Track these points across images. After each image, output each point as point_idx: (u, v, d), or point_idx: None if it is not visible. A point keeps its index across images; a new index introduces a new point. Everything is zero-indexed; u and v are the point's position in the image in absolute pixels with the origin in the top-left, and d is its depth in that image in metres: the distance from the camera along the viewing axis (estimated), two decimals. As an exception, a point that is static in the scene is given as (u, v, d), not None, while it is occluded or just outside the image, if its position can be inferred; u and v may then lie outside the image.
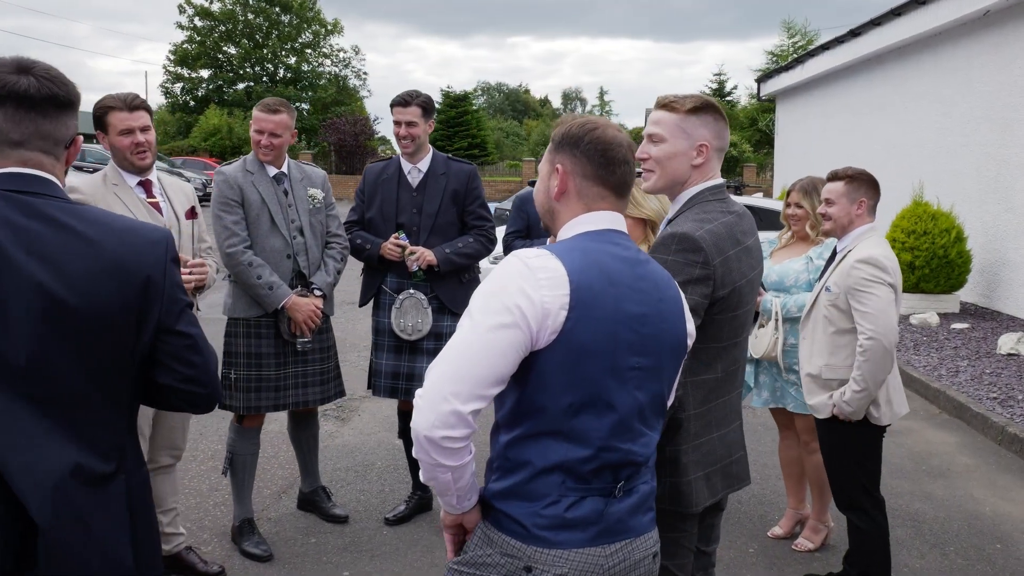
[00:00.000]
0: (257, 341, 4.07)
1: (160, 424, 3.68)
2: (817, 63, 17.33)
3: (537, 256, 1.79)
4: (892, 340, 3.40)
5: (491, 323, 1.73)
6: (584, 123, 1.95)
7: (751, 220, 2.47)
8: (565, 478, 1.81)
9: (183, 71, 45.47)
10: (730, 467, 2.46)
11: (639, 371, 1.85)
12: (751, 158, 35.30)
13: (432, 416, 1.72)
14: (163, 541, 3.82)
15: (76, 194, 3.38)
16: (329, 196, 4.31)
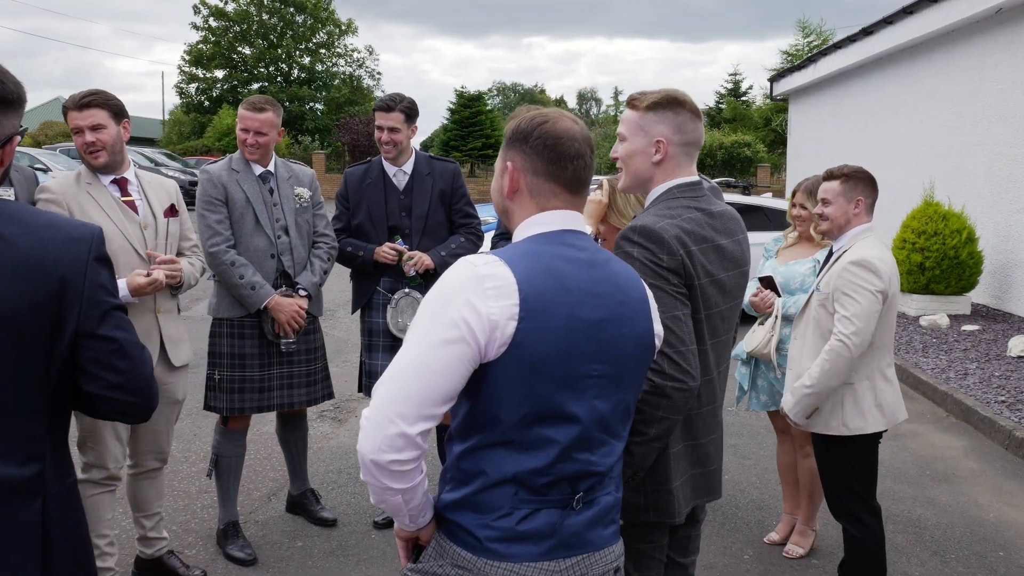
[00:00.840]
0: (241, 342, 4.01)
1: (142, 429, 3.63)
2: (829, 62, 17.18)
3: (486, 263, 1.70)
4: (859, 351, 3.35)
5: (436, 339, 1.65)
6: (534, 116, 1.85)
7: (731, 221, 2.37)
8: (518, 490, 1.74)
9: (198, 71, 45.59)
10: (700, 478, 2.37)
11: (599, 379, 1.77)
12: (765, 158, 35.05)
13: (378, 439, 1.65)
14: (145, 545, 3.79)
15: (47, 194, 3.34)
16: (317, 195, 4.25)
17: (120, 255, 3.39)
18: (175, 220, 3.66)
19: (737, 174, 33.27)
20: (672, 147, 2.30)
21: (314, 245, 4.21)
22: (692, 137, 2.33)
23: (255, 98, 4.04)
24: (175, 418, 3.77)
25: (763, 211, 10.39)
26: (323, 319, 9.93)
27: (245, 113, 3.97)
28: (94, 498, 3.51)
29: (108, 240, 3.35)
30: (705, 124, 24.32)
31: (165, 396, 3.63)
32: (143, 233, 3.50)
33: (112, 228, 3.40)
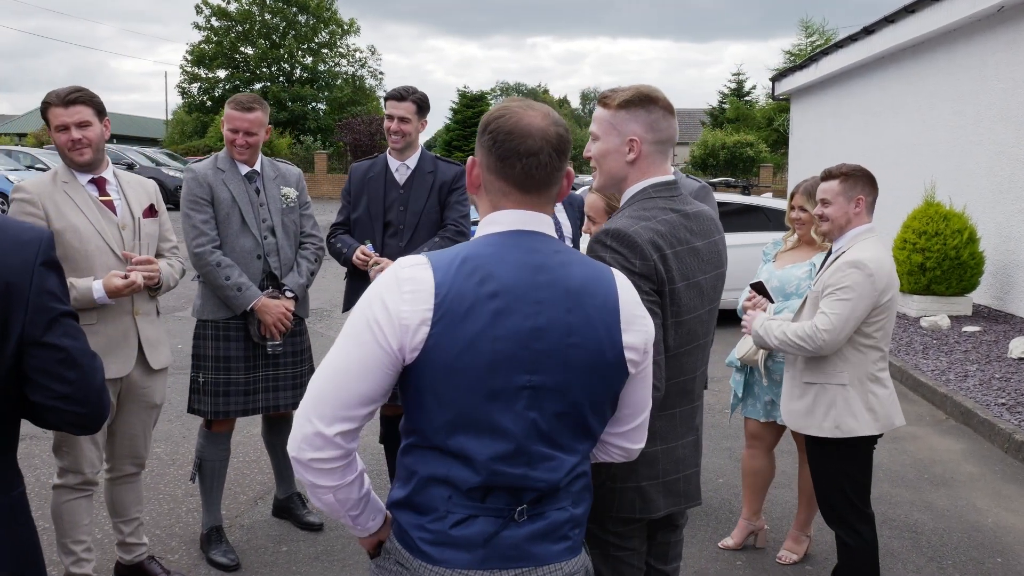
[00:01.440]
0: (226, 344, 3.95)
1: (119, 433, 3.57)
2: (831, 61, 17.08)
3: (410, 266, 1.67)
4: (825, 351, 3.33)
5: (353, 341, 1.66)
6: (496, 108, 1.77)
7: (707, 221, 2.31)
8: (452, 493, 1.69)
9: (200, 71, 45.57)
10: (676, 483, 2.30)
11: (531, 390, 1.66)
12: (768, 158, 34.93)
13: (298, 437, 1.66)
14: (125, 551, 3.72)
15: (22, 194, 3.28)
16: (304, 195, 4.18)
17: (96, 256, 3.33)
18: (153, 220, 3.59)
19: (740, 174, 33.16)
20: (646, 146, 2.23)
21: (301, 246, 4.14)
22: (666, 135, 2.26)
23: (243, 97, 3.95)
24: (153, 422, 3.69)
25: (763, 211, 10.31)
26: (318, 319, 9.91)
27: (234, 113, 3.87)
28: (70, 503, 3.45)
29: (84, 240, 3.33)
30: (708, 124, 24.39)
31: (143, 400, 3.57)
32: (121, 233, 3.43)
33: (89, 228, 3.34)
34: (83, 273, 3.31)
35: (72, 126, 3.31)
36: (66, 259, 3.28)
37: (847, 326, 3.28)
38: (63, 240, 3.27)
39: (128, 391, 3.51)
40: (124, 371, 3.44)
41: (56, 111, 3.31)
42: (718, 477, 5.31)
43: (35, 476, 4.90)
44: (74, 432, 1.72)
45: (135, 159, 26.92)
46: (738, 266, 4.96)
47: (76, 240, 3.30)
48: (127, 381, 3.49)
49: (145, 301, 3.53)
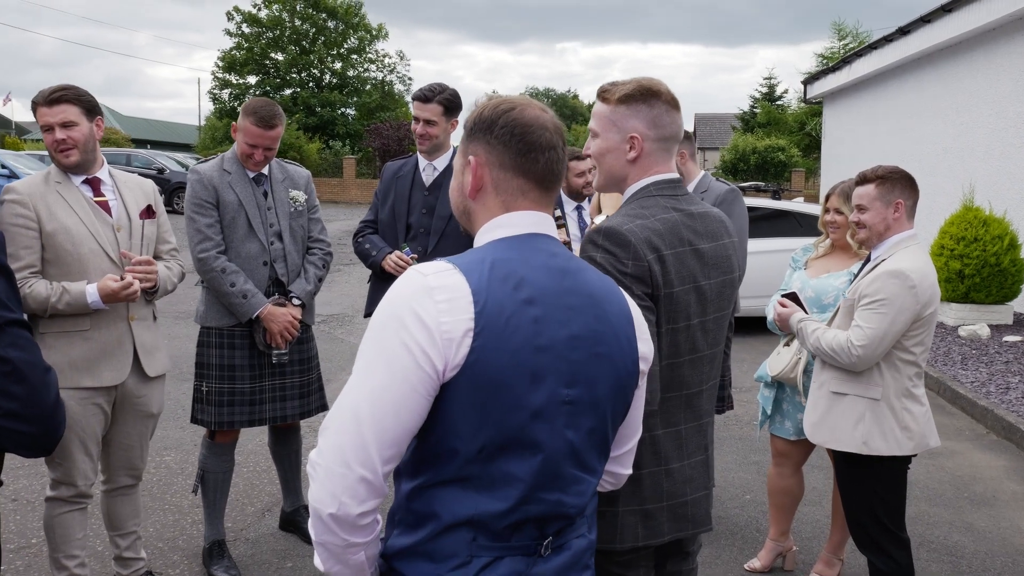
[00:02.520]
0: (231, 352, 3.79)
1: (114, 444, 3.42)
2: (865, 63, 16.73)
3: (436, 272, 1.48)
4: (859, 368, 3.14)
5: (386, 367, 1.43)
6: (498, 103, 1.62)
7: (715, 223, 2.14)
8: (476, 534, 1.49)
9: (231, 77, 45.84)
10: (683, 507, 2.10)
11: (570, 405, 1.52)
12: (800, 163, 34.45)
13: (338, 489, 1.42)
14: (122, 566, 3.58)
15: (12, 195, 3.13)
16: (313, 198, 4.02)
17: (90, 259, 3.19)
18: (151, 222, 3.44)
19: (771, 179, 32.71)
20: (648, 143, 2.08)
21: (308, 251, 3.98)
22: (669, 131, 2.10)
23: (263, 109, 3.69)
24: (150, 433, 3.54)
25: (793, 216, 10.04)
26: (339, 324, 9.79)
27: (254, 129, 3.65)
28: (62, 516, 3.30)
29: (77, 243, 3.17)
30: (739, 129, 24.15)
31: (139, 410, 3.43)
32: (116, 235, 3.29)
33: (82, 230, 3.20)
34: (76, 277, 3.16)
35: (56, 126, 3.17)
36: (58, 262, 3.15)
37: (884, 341, 3.06)
38: (55, 242, 3.14)
39: (123, 400, 3.36)
40: (119, 379, 3.29)
41: (41, 110, 3.18)
42: (745, 493, 5.08)
43: (26, 485, 4.78)
44: (22, 453, 1.57)
45: (165, 164, 27.11)
46: (767, 272, 4.79)
47: (68, 242, 3.16)
48: (122, 390, 3.34)
49: (141, 306, 3.38)
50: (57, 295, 3.10)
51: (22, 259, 3.10)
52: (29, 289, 3.08)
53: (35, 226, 3.12)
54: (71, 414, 3.18)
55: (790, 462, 4.01)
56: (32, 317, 3.19)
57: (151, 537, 4.22)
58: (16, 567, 3.88)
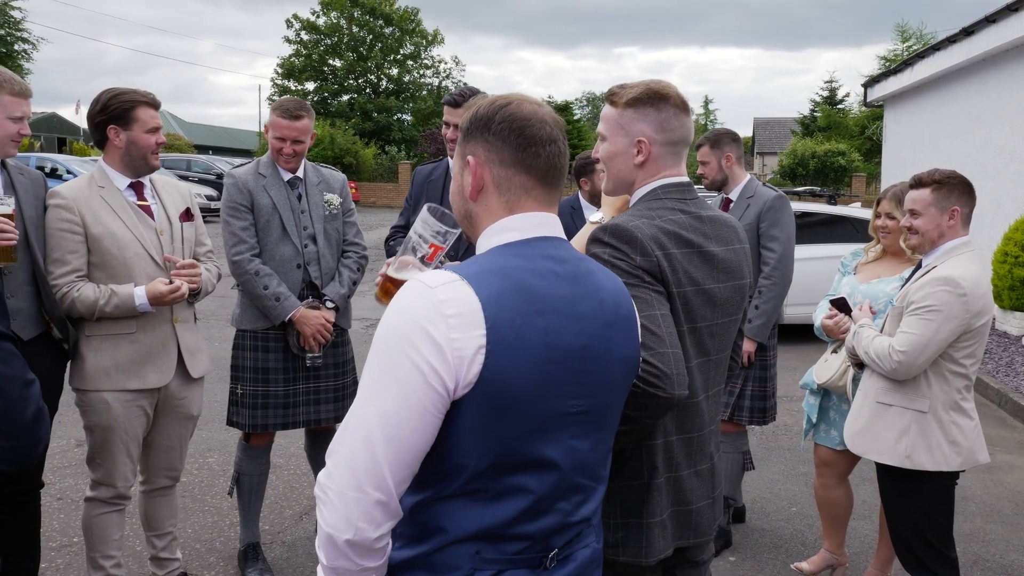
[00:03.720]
0: (264, 355, 3.80)
1: (155, 445, 3.46)
2: (927, 65, 16.27)
3: (443, 284, 1.40)
4: (901, 376, 3.02)
5: (395, 387, 1.37)
6: (494, 100, 1.57)
7: (725, 228, 2.09)
8: (480, 548, 1.45)
9: (290, 84, 46.64)
10: (687, 516, 2.04)
11: (579, 415, 1.48)
12: (861, 167, 33.70)
13: (353, 515, 1.38)
14: (158, 567, 3.61)
15: (57, 199, 3.18)
16: (348, 201, 4.02)
17: (136, 262, 3.24)
18: (190, 225, 3.49)
19: (831, 184, 32.04)
20: (655, 147, 2.03)
21: (343, 254, 3.98)
22: (678, 135, 2.05)
23: (289, 104, 3.76)
24: (189, 434, 3.58)
25: (849, 222, 9.80)
26: (375, 328, 9.81)
27: (281, 121, 3.69)
28: (100, 517, 3.35)
29: (123, 247, 3.21)
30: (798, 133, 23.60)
31: (180, 411, 3.46)
32: (159, 239, 3.33)
33: (127, 235, 3.24)
34: (122, 280, 3.21)
35: (158, 130, 3.35)
36: (104, 266, 3.20)
37: (927, 350, 2.93)
38: (101, 246, 3.19)
39: (165, 402, 3.40)
40: (164, 381, 3.33)
41: (150, 112, 3.29)
42: (791, 505, 4.94)
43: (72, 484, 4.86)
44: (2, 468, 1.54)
45: (223, 169, 27.69)
46: (820, 279, 4.64)
47: (114, 247, 3.21)
48: (165, 392, 3.37)
49: (183, 308, 3.42)
50: (105, 298, 3.14)
51: (69, 263, 3.15)
52: (77, 292, 3.13)
53: (80, 230, 3.17)
54: (115, 417, 3.22)
55: (833, 472, 3.88)
56: (77, 320, 3.24)
57: (189, 538, 4.25)
58: (57, 565, 3.94)
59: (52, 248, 3.15)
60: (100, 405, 3.23)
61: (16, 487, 3.31)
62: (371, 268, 14.67)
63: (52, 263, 3.15)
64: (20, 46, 35.48)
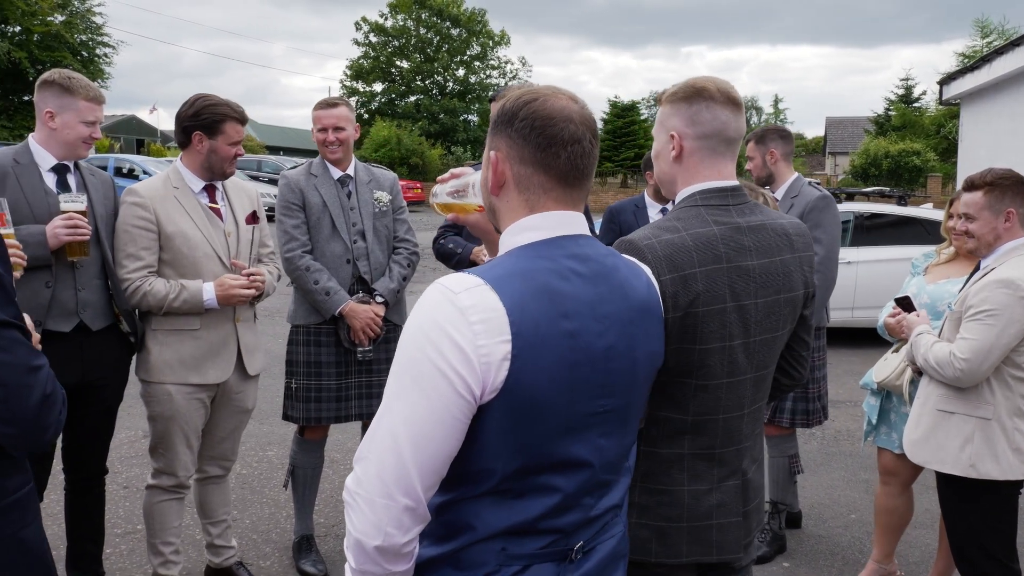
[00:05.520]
0: (317, 349, 3.88)
1: (210, 436, 3.56)
2: (1006, 62, 15.73)
3: (467, 289, 1.39)
4: (964, 384, 2.92)
5: (421, 395, 1.37)
6: (522, 94, 1.53)
7: (773, 237, 1.98)
8: (506, 544, 1.45)
9: (358, 85, 47.39)
10: (706, 531, 1.96)
11: (605, 415, 1.48)
12: (936, 167, 32.73)
13: (384, 520, 1.38)
14: (213, 554, 3.71)
15: (134, 197, 3.30)
16: (398, 199, 4.08)
17: (204, 262, 3.35)
18: (256, 227, 3.59)
19: (904, 184, 31.18)
20: (687, 141, 1.96)
21: (394, 251, 4.04)
22: (711, 128, 1.94)
23: (326, 98, 3.95)
24: (243, 426, 3.68)
25: (920, 223, 9.51)
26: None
27: (319, 113, 3.87)
28: (161, 504, 3.45)
29: (193, 247, 3.32)
30: (872, 132, 22.92)
31: (236, 405, 3.56)
32: (227, 241, 3.44)
33: (198, 235, 3.35)
34: (190, 279, 3.33)
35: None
36: (174, 263, 3.32)
37: (991, 355, 2.84)
38: (173, 245, 3.31)
39: (223, 396, 3.50)
40: (224, 376, 3.44)
41: (236, 127, 3.43)
42: (850, 512, 4.83)
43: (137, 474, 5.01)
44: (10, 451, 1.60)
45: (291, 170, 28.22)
46: (889, 281, 4.52)
47: (185, 246, 3.32)
48: (223, 386, 3.47)
49: (245, 308, 3.52)
50: (175, 292, 3.26)
51: (142, 259, 3.27)
52: (149, 286, 3.24)
53: (154, 228, 3.29)
54: (177, 408, 3.34)
55: (897, 480, 3.78)
56: (145, 314, 3.36)
57: (246, 529, 4.36)
58: (120, 550, 4.07)
59: (126, 243, 3.28)
60: (163, 396, 3.34)
61: (81, 473, 3.46)
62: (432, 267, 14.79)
63: (126, 258, 3.27)
64: (101, 50, 36.69)
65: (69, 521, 3.50)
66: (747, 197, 2.00)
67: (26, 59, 31.77)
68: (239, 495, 4.75)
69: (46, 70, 3.41)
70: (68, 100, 3.15)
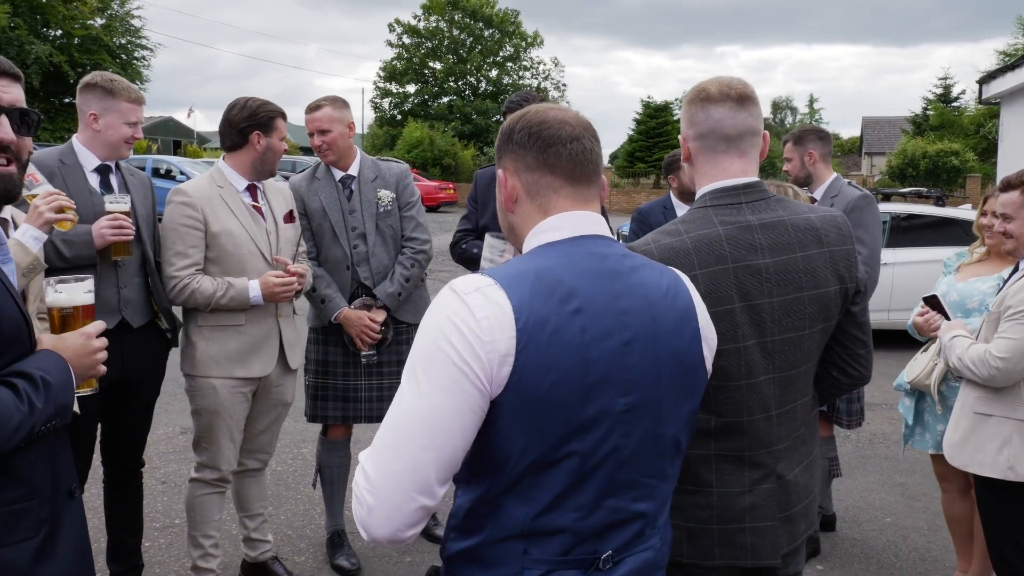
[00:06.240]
0: (325, 348, 3.95)
1: (248, 428, 3.61)
2: (1048, 60, 15.45)
3: (476, 289, 1.42)
4: (1000, 384, 2.88)
5: (438, 389, 1.39)
6: (518, 114, 1.61)
7: (788, 234, 1.94)
8: (527, 546, 1.46)
9: (391, 87, 47.62)
10: (739, 535, 1.94)
11: (627, 413, 1.47)
12: (976, 168, 32.20)
13: (395, 516, 1.39)
14: (250, 548, 3.76)
15: (182, 196, 3.36)
16: (405, 195, 3.99)
17: (249, 260, 3.41)
18: (293, 226, 3.64)
19: (943, 185, 30.70)
20: (691, 143, 2.01)
21: (401, 251, 3.99)
22: (705, 127, 1.96)
23: (313, 100, 3.89)
24: (282, 419, 3.75)
25: (959, 224, 9.38)
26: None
27: (306, 117, 3.85)
28: (203, 498, 3.51)
29: (239, 245, 3.38)
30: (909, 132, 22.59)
31: (276, 399, 3.63)
32: (269, 239, 3.50)
33: (243, 233, 3.41)
34: (235, 276, 3.38)
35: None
36: (220, 261, 3.38)
37: None
38: (219, 243, 3.37)
39: (264, 389, 3.56)
40: (267, 370, 3.50)
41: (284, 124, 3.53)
42: (885, 516, 4.78)
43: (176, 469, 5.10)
44: None
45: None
46: (926, 282, 4.46)
47: (231, 244, 3.38)
48: (265, 380, 3.53)
49: (285, 304, 3.58)
50: (223, 290, 3.32)
51: (190, 257, 3.33)
52: (197, 284, 3.31)
53: (202, 227, 3.35)
54: (221, 402, 3.40)
55: (954, 487, 3.74)
56: (190, 310, 3.43)
57: (281, 524, 4.42)
58: (159, 544, 4.15)
59: (175, 241, 3.34)
60: (208, 390, 3.40)
61: (119, 466, 3.53)
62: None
63: (175, 255, 3.33)
64: (139, 53, 37.24)
65: (108, 513, 3.58)
66: (766, 193, 1.98)
67: (66, 62, 32.32)
68: (274, 491, 4.81)
69: (86, 73, 3.49)
70: (111, 102, 3.22)
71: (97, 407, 3.26)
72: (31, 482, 1.70)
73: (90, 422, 3.27)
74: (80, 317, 2.01)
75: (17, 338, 1.68)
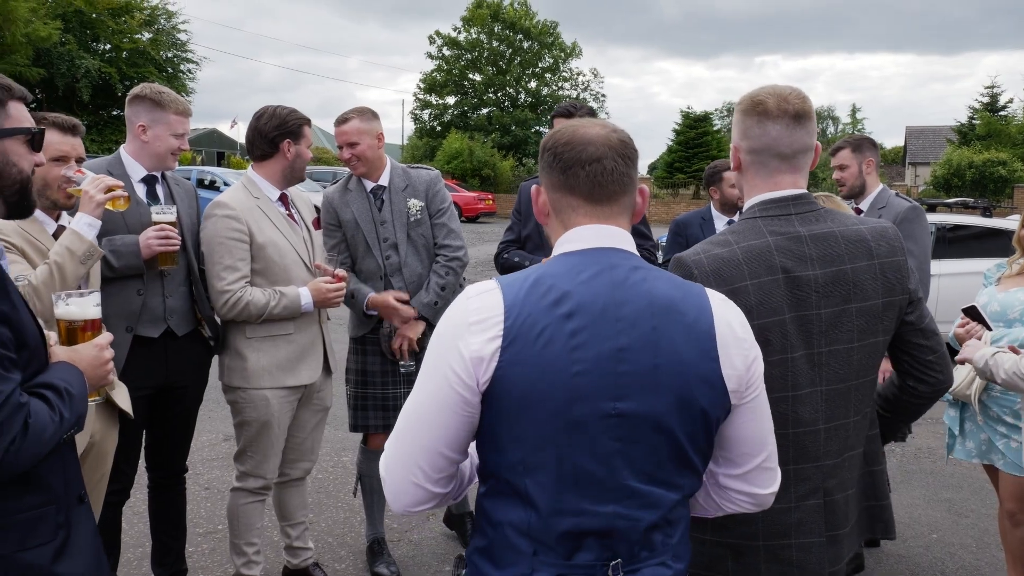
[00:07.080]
0: (364, 358, 3.97)
1: (292, 438, 3.65)
2: (1100, 68, 15.12)
3: (480, 292, 1.55)
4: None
5: (429, 387, 1.54)
6: (552, 132, 1.66)
7: (838, 245, 1.92)
8: (536, 548, 1.52)
9: (431, 98, 47.95)
10: (785, 551, 1.92)
11: (620, 418, 1.48)
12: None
13: (401, 493, 1.58)
14: (291, 555, 3.80)
15: (225, 209, 3.38)
16: (436, 202, 3.94)
17: (293, 268, 3.45)
18: (319, 232, 3.71)
19: (990, 195, 30.11)
20: (742, 155, 2.01)
21: (435, 259, 3.95)
22: (759, 143, 1.96)
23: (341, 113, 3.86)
24: (323, 424, 3.79)
25: (1007, 235, 9.19)
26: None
27: (335, 131, 3.84)
28: (247, 507, 3.55)
29: (283, 254, 3.42)
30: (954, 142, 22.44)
31: (317, 404, 3.68)
32: (306, 246, 3.54)
33: (285, 243, 3.46)
34: (281, 285, 3.43)
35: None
36: (266, 272, 3.41)
37: None
38: (265, 254, 3.40)
39: (307, 396, 3.61)
40: (314, 377, 3.55)
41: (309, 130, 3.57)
42: (931, 532, 4.69)
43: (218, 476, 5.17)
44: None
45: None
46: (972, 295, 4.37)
47: (276, 255, 3.43)
48: (309, 386, 3.57)
49: (327, 310, 3.63)
50: (276, 300, 3.37)
51: (239, 270, 3.36)
52: (250, 296, 3.34)
53: (247, 239, 3.38)
54: (273, 412, 3.44)
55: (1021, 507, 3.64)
56: (234, 323, 3.43)
57: (322, 532, 4.45)
58: (202, 550, 4.20)
59: (223, 255, 3.34)
60: (260, 402, 3.43)
61: (163, 471, 3.59)
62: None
63: (224, 269, 3.34)
64: (185, 66, 37.96)
65: (153, 518, 3.63)
66: (815, 204, 1.97)
67: (115, 75, 33.02)
68: (315, 499, 4.85)
69: (133, 86, 3.54)
70: (159, 114, 3.28)
71: (143, 413, 3.31)
72: (49, 489, 1.78)
73: (136, 428, 3.32)
74: (88, 329, 2.09)
75: (38, 350, 1.76)
